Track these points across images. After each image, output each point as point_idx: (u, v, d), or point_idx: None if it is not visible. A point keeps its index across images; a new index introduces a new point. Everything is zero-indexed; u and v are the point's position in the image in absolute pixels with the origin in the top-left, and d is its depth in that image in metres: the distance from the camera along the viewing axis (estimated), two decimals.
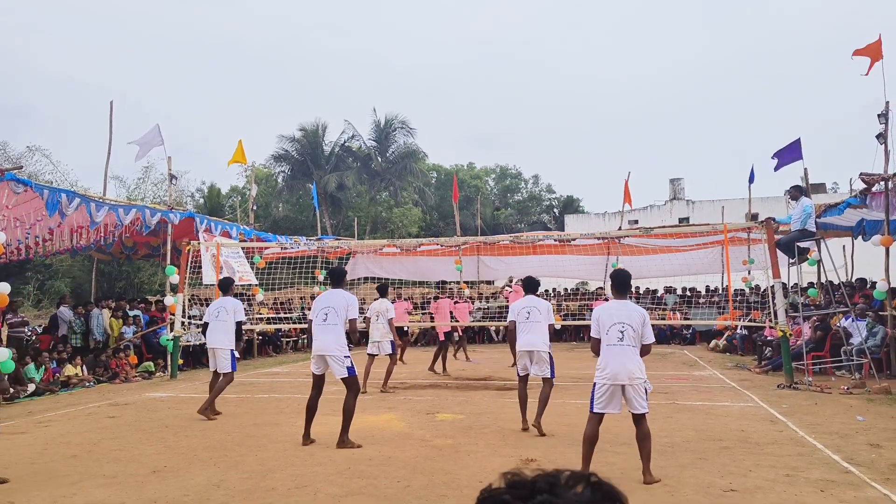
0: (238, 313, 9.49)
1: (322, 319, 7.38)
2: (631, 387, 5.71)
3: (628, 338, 5.76)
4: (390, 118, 42.00)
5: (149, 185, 29.35)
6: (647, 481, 5.64)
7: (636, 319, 5.82)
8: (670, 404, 9.58)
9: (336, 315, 7.34)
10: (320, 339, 7.36)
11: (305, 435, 7.42)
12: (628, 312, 5.87)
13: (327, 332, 7.34)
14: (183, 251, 14.92)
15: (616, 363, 5.74)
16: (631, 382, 5.71)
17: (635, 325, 5.79)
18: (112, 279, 24.87)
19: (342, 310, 7.35)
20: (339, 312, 7.35)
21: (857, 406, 9.19)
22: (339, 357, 7.27)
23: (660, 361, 16.04)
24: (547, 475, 1.03)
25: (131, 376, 13.97)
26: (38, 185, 11.63)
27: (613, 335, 5.79)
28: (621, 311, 5.87)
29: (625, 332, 5.77)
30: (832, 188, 34.69)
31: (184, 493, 5.56)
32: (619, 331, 5.78)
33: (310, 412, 7.47)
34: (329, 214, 39.09)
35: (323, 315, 7.39)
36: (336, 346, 7.29)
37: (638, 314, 5.88)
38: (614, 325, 5.80)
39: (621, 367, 5.71)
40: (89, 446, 7.35)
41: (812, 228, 11.86)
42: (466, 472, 5.99)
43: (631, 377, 5.70)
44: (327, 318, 7.36)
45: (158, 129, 15.29)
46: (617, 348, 5.77)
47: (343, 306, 7.37)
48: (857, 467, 5.96)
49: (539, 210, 51.55)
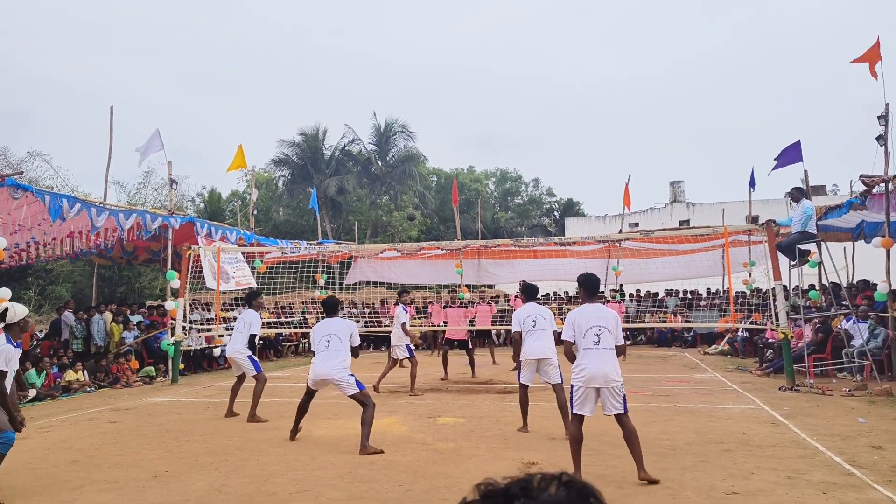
0: (253, 326, 9.87)
1: (325, 346, 7.57)
2: (607, 389, 5.77)
3: (605, 340, 5.83)
4: (390, 122, 42.09)
5: (149, 190, 29.36)
6: (643, 478, 5.67)
7: (611, 322, 5.90)
8: (672, 407, 9.57)
9: (339, 341, 7.56)
10: (323, 364, 7.51)
11: (294, 430, 7.84)
12: (603, 315, 5.94)
13: (331, 357, 7.51)
14: (184, 256, 14.93)
15: (593, 366, 5.79)
16: (607, 385, 5.78)
17: (611, 327, 5.87)
18: (113, 284, 24.85)
19: (345, 335, 7.61)
20: (343, 338, 7.59)
21: (859, 408, 9.18)
22: (343, 378, 7.42)
23: (661, 364, 16.04)
24: (519, 480, 1.04)
25: (132, 381, 13.97)
26: (39, 191, 11.65)
27: (590, 338, 5.84)
28: (597, 314, 5.94)
29: (601, 335, 5.84)
30: (832, 190, 34.69)
31: (185, 498, 5.55)
32: (595, 334, 5.84)
33: (301, 412, 7.87)
34: (329, 218, 39.10)
35: (325, 342, 7.58)
36: (340, 370, 7.44)
37: (612, 316, 5.97)
38: (591, 329, 5.86)
39: (598, 370, 5.77)
40: (90, 451, 7.34)
41: (813, 230, 11.87)
42: (468, 476, 5.98)
43: (607, 380, 5.77)
44: (330, 345, 7.56)
45: (158, 134, 15.33)
46: (594, 351, 5.82)
47: (346, 332, 7.63)
48: (859, 469, 5.95)
49: (539, 213, 51.58)
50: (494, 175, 53.00)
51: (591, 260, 20.55)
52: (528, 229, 46.80)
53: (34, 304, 23.67)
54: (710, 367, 14.89)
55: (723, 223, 19.84)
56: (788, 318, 12.00)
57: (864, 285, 15.36)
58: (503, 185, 52.58)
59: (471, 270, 21.65)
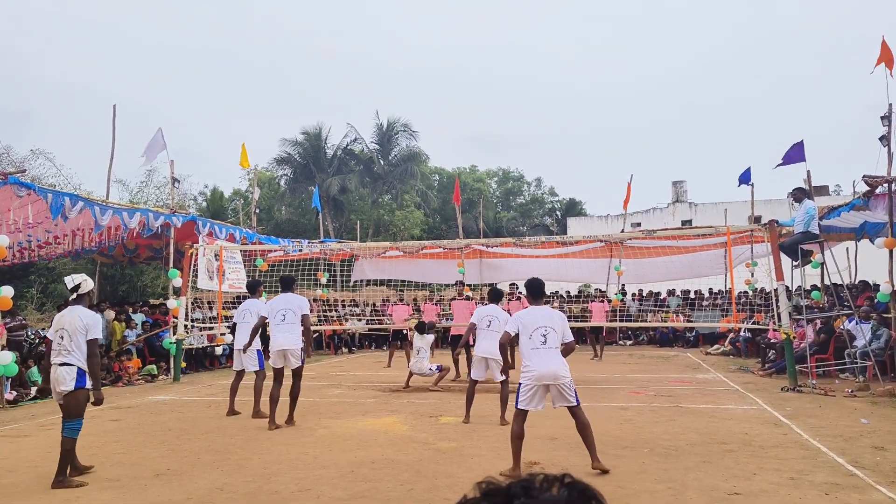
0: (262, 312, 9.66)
1: (280, 319, 8.61)
2: (555, 386, 6.06)
3: (551, 340, 6.14)
4: (392, 121, 42.08)
5: (151, 189, 29.34)
6: (595, 467, 5.97)
7: (557, 322, 6.22)
8: (674, 407, 9.56)
9: (294, 315, 8.61)
10: (281, 336, 8.59)
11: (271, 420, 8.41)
12: (549, 316, 6.25)
13: (287, 330, 8.58)
14: (186, 254, 14.94)
15: (541, 365, 6.07)
16: (555, 382, 6.05)
17: (557, 327, 6.19)
18: (115, 282, 24.86)
19: (298, 310, 8.63)
20: (297, 312, 8.62)
21: (862, 409, 9.17)
22: (296, 352, 8.60)
23: (663, 364, 16.03)
24: (521, 480, 1.04)
25: (134, 379, 13.99)
26: (42, 189, 11.66)
27: (537, 339, 6.14)
28: (543, 316, 6.25)
29: (547, 336, 6.14)
30: (835, 190, 34.66)
31: (187, 497, 5.56)
32: (541, 334, 6.14)
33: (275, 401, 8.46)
34: (331, 217, 39.13)
35: (281, 316, 8.62)
36: (294, 342, 8.59)
37: (558, 317, 6.30)
38: (537, 329, 6.16)
39: (545, 368, 6.05)
40: (92, 450, 7.34)
41: (815, 231, 11.85)
42: (470, 475, 5.98)
43: (555, 377, 6.03)
44: (285, 318, 8.60)
45: (161, 133, 15.33)
46: (541, 351, 6.11)
47: (297, 307, 8.65)
48: (862, 470, 5.94)
49: (541, 213, 51.57)
50: (497, 174, 53.00)
51: (592, 260, 20.52)
52: (530, 229, 46.78)
53: (36, 302, 23.71)
54: (713, 368, 14.87)
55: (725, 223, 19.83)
56: (791, 319, 11.99)
57: (865, 286, 15.34)
58: (505, 185, 52.58)
59: (473, 270, 21.63)
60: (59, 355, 6.07)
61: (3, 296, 10.52)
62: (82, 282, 6.36)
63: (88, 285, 6.40)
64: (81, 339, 6.09)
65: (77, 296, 6.33)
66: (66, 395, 6.01)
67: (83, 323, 6.11)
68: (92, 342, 6.14)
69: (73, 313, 6.17)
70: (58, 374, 6.02)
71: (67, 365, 6.02)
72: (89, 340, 6.12)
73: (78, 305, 6.28)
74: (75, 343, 6.07)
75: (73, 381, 6.01)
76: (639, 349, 20.37)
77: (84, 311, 6.23)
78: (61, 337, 6.12)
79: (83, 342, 6.09)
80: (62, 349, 6.07)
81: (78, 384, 6.03)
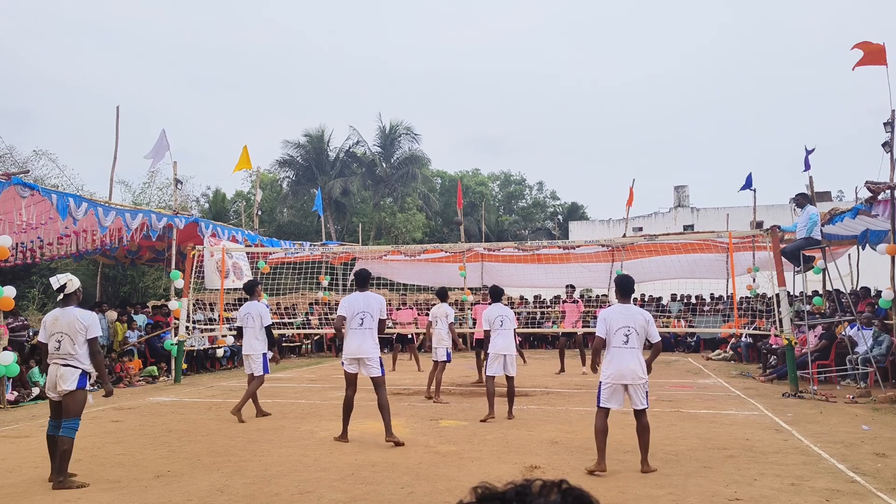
0: (264, 318, 9.80)
1: (358, 323, 7.71)
2: (633, 386, 6.20)
3: (633, 340, 6.24)
4: (395, 124, 42.10)
5: (154, 190, 29.33)
6: (644, 470, 6.14)
7: (640, 322, 6.29)
8: (674, 412, 9.55)
9: (372, 319, 7.73)
10: (355, 342, 7.71)
11: (343, 433, 7.76)
12: (633, 316, 6.34)
13: (364, 335, 7.71)
14: (188, 256, 14.95)
15: (621, 364, 6.21)
16: (633, 382, 6.19)
17: (639, 328, 6.27)
18: (117, 283, 24.85)
19: (376, 313, 7.76)
20: (375, 315, 7.75)
21: (863, 415, 9.15)
22: (374, 360, 7.70)
23: (664, 369, 16.00)
24: (517, 486, 1.04)
25: (135, 381, 13.99)
26: (46, 190, 11.68)
27: (619, 338, 6.25)
28: (627, 315, 6.32)
29: (630, 336, 6.24)
30: (837, 196, 34.64)
31: (187, 498, 5.56)
32: (624, 334, 6.24)
33: (347, 410, 7.80)
34: (333, 220, 39.14)
35: (359, 319, 7.72)
36: (371, 350, 7.72)
37: (641, 317, 6.36)
38: (620, 329, 6.26)
39: (626, 367, 6.19)
40: (93, 451, 7.35)
41: (817, 237, 11.84)
42: (470, 479, 5.97)
43: (634, 377, 6.19)
44: (363, 323, 7.71)
45: (164, 134, 15.37)
46: (623, 350, 6.23)
47: (377, 309, 7.77)
48: (863, 477, 5.93)
49: (543, 216, 51.58)
50: (499, 178, 53.01)
51: (594, 264, 20.51)
52: (531, 232, 46.79)
53: (38, 302, 23.73)
54: (714, 373, 14.86)
55: (727, 228, 19.82)
56: (792, 324, 11.97)
57: (866, 292, 15.31)
58: (507, 188, 52.60)
59: (474, 273, 21.63)
60: (59, 358, 6.05)
61: (5, 296, 10.53)
62: (67, 281, 6.30)
63: (74, 284, 6.34)
64: (82, 339, 6.10)
65: (64, 296, 6.26)
66: (67, 395, 6.02)
67: (83, 324, 6.10)
68: (93, 340, 6.16)
69: (70, 315, 6.13)
70: (60, 372, 6.02)
71: (70, 366, 6.02)
72: (90, 339, 6.14)
73: (70, 307, 6.22)
74: (78, 345, 6.07)
75: (76, 382, 6.02)
76: None
77: (80, 311, 6.21)
78: (58, 341, 6.07)
79: (83, 343, 6.10)
80: (64, 354, 6.03)
81: (79, 384, 6.04)
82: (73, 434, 6.01)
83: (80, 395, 6.08)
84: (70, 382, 6.00)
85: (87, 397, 6.19)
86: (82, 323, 6.11)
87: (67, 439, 5.96)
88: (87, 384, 6.15)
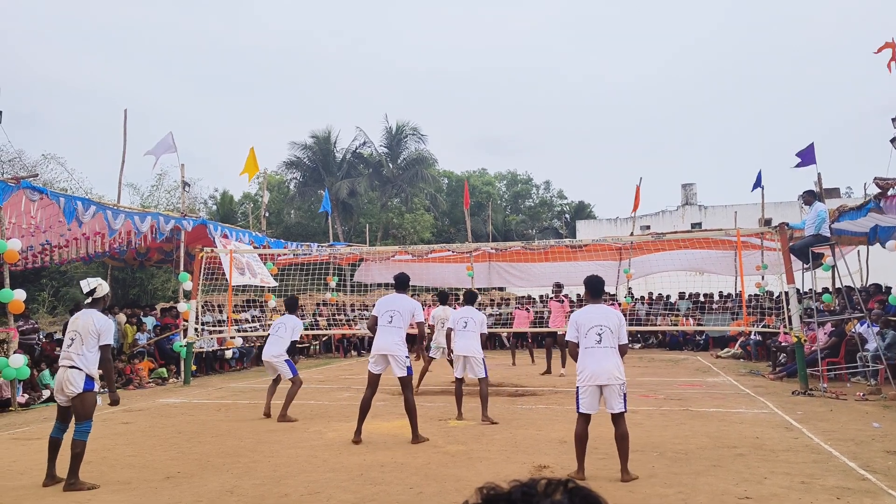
0: (296, 332, 10.05)
1: (387, 321, 7.82)
2: (608, 387, 5.93)
3: (606, 339, 6.00)
4: (401, 124, 42.13)
5: (162, 193, 29.50)
6: (625, 479, 5.83)
7: (613, 321, 6.07)
8: (684, 411, 9.52)
9: (401, 318, 7.82)
10: (382, 339, 7.79)
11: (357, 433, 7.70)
12: (605, 315, 6.12)
13: (391, 333, 7.78)
14: (196, 257, 15.00)
15: (594, 365, 5.97)
16: (609, 383, 5.92)
17: (613, 326, 6.04)
18: (126, 286, 24.98)
19: (407, 314, 7.86)
20: (405, 316, 7.84)
21: (873, 412, 9.10)
22: (400, 357, 7.74)
23: (673, 367, 15.96)
24: (523, 485, 1.03)
25: (145, 382, 14.05)
26: (54, 193, 11.75)
27: (592, 337, 6.03)
28: (598, 314, 6.12)
29: (602, 335, 6.01)
30: (846, 192, 34.44)
31: (197, 499, 5.58)
32: (596, 333, 6.02)
33: (364, 410, 7.78)
34: (341, 221, 39.20)
35: (388, 317, 7.83)
36: (398, 347, 7.77)
37: (615, 316, 6.15)
38: (592, 328, 6.04)
39: (600, 367, 5.94)
40: (103, 452, 7.39)
41: (826, 233, 11.77)
42: (479, 479, 5.96)
43: (610, 377, 5.93)
44: (392, 321, 7.81)
45: (171, 137, 15.43)
46: (596, 350, 6.00)
47: (409, 310, 7.88)
48: (874, 474, 5.90)
49: (550, 216, 51.50)
50: (505, 178, 52.96)
51: (602, 262, 20.49)
52: (538, 232, 46.72)
53: (48, 305, 23.87)
54: (723, 371, 14.79)
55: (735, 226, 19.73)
56: (802, 322, 11.92)
57: (876, 289, 15.21)
58: (514, 188, 52.53)
59: (482, 273, 21.63)
60: (66, 359, 6.12)
61: (16, 299, 10.60)
62: (97, 286, 6.42)
63: (104, 289, 6.46)
64: (93, 342, 6.14)
65: (92, 300, 6.38)
66: (75, 399, 6.05)
67: (96, 328, 6.16)
68: (105, 348, 6.20)
69: (88, 317, 6.23)
70: (66, 376, 6.06)
71: (76, 368, 6.06)
72: (102, 346, 6.18)
73: (93, 310, 6.32)
74: (86, 346, 6.12)
75: (82, 385, 6.05)
76: (648, 352, 20.28)
77: (98, 315, 6.27)
78: (71, 339, 6.18)
79: (94, 346, 6.15)
80: (71, 353, 6.11)
81: (86, 387, 6.07)
82: (85, 437, 6.04)
83: (89, 398, 6.12)
84: (76, 385, 6.03)
85: (97, 399, 6.22)
86: (96, 326, 6.16)
87: (80, 442, 5.99)
88: (96, 387, 6.19)
